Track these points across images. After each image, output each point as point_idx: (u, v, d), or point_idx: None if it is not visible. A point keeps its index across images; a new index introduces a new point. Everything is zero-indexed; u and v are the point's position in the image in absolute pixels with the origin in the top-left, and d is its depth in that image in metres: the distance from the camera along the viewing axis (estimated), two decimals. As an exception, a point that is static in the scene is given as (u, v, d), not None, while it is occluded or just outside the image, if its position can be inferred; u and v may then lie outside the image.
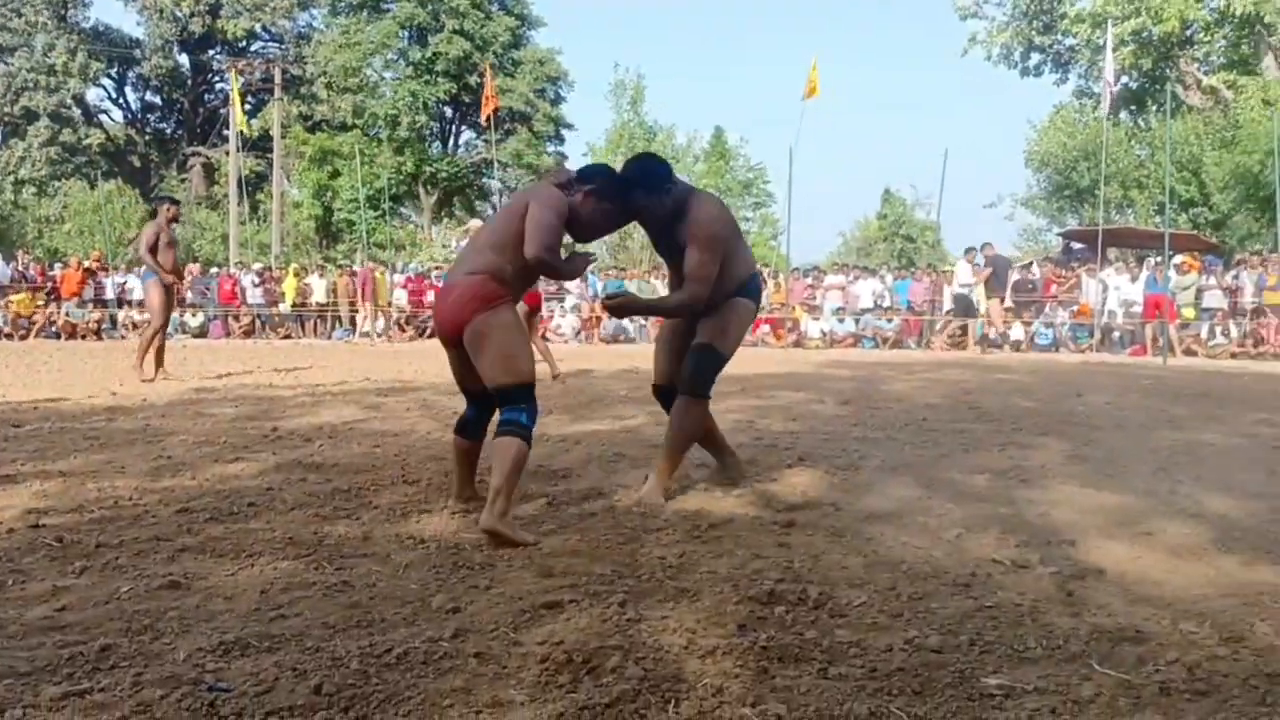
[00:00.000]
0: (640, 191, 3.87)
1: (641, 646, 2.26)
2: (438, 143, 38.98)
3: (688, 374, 4.00)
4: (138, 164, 41.72)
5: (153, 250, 9.51)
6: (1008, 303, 17.71)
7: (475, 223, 11.95)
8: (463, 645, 2.27)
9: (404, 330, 21.74)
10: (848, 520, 3.58)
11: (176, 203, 10.34)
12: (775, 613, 2.54)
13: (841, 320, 19.51)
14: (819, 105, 19.89)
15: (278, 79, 34.62)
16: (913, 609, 2.59)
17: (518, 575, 2.88)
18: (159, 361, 9.81)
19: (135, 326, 22.13)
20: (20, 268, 23.52)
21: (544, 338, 10.06)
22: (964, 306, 17.54)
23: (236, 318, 22.54)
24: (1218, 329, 16.52)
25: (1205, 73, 28.51)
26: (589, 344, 19.01)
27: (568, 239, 3.80)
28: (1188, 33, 27.53)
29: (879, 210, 39.07)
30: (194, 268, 25.08)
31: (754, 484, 4.19)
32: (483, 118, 24.72)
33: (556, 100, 37.82)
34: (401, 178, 35.22)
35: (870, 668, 2.18)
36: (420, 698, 1.97)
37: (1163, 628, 2.44)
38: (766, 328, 19.49)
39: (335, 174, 35.29)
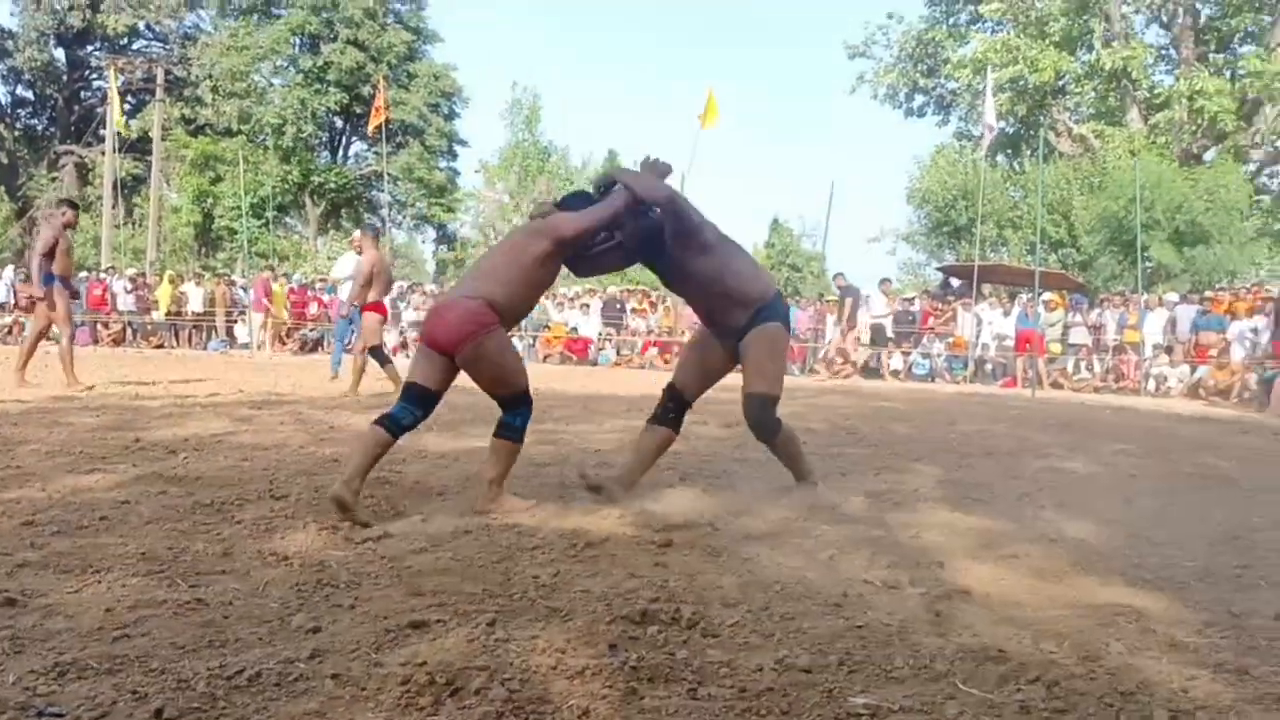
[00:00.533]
0: (625, 214, 4.11)
1: (508, 667, 2.20)
2: (326, 153, 38.15)
3: (754, 425, 4.37)
4: (5, 160, 39.66)
5: (50, 255, 9.03)
6: (860, 332, 18.44)
7: (357, 233, 11.70)
8: (320, 666, 2.17)
9: (284, 343, 21.10)
10: (725, 540, 3.57)
11: (75, 207, 9.84)
12: (648, 632, 2.50)
13: (728, 345, 19.73)
14: (712, 133, 20.15)
15: (160, 79, 33.42)
16: (784, 629, 2.59)
17: (384, 594, 2.79)
18: (22, 365, 9.29)
19: (10, 331, 20.99)
20: None
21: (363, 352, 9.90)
22: (879, 335, 17.96)
23: (106, 325, 21.56)
24: (1082, 364, 17.26)
25: (1075, 121, 29.92)
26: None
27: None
28: (1060, 83, 28.86)
29: (767, 239, 39.76)
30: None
31: (633, 504, 4.16)
32: (370, 129, 24.27)
33: (450, 116, 37.42)
34: (287, 187, 34.33)
35: (740, 688, 2.16)
36: (270, 721, 1.88)
37: (1024, 647, 2.49)
38: (655, 350, 19.58)
39: (217, 180, 34.17)
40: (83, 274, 24.33)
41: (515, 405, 3.97)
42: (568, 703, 2.01)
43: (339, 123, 37.53)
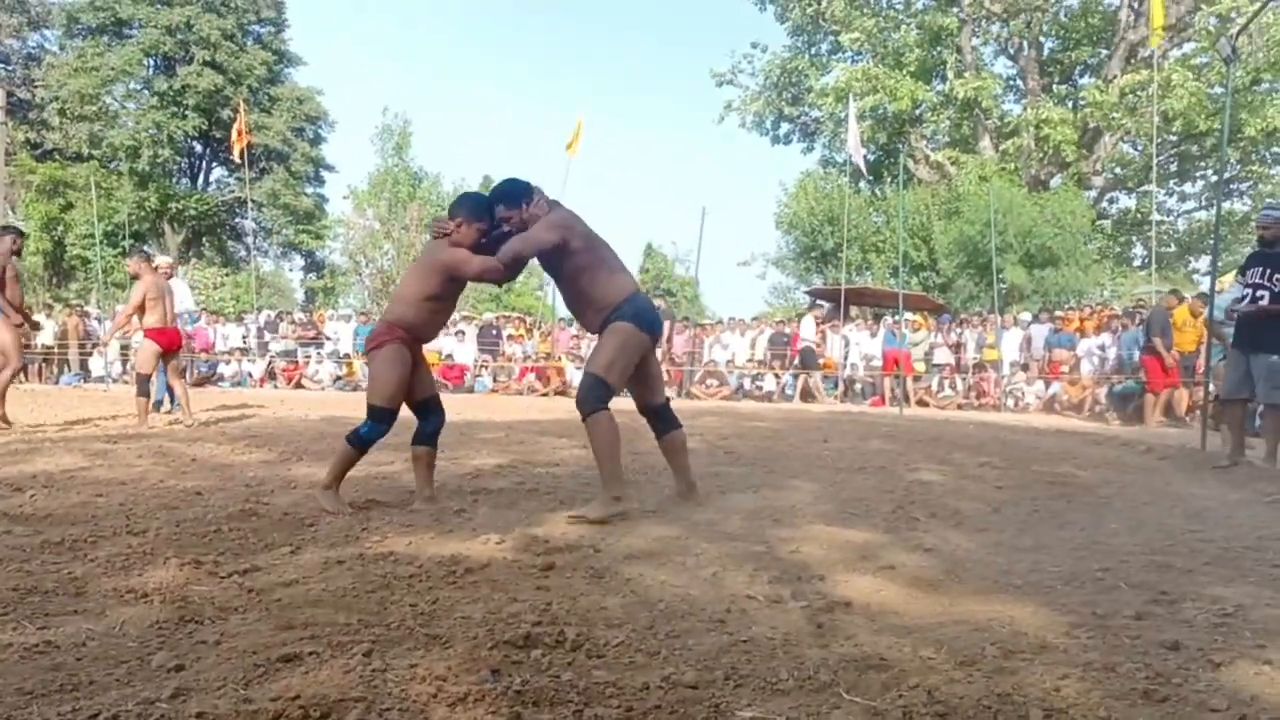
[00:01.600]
0: (501, 205, 4.57)
1: (386, 697, 2.11)
2: (186, 179, 36.81)
3: (577, 399, 4.62)
4: None
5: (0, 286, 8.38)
6: (675, 354, 19.06)
7: (163, 259, 11.33)
8: (184, 705, 2.05)
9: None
10: (607, 561, 3.54)
11: (23, 235, 9.16)
12: (531, 656, 2.45)
13: (604, 370, 19.76)
14: (586, 158, 20.27)
15: (1, 101, 31.72)
16: (670, 646, 2.57)
17: (252, 628, 2.66)
18: None
19: None
20: None
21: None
22: (808, 358, 18.15)
23: (-58, 360, 20.23)
24: (945, 382, 17.90)
25: (932, 149, 31.19)
26: (350, 391, 18.29)
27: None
28: (918, 111, 30.06)
29: (641, 264, 40.11)
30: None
31: (515, 528, 4.09)
32: (235, 154, 23.53)
33: (316, 140, 36.64)
34: (144, 214, 32.97)
35: (627, 707, 2.13)
36: (128, 766, 1.75)
37: (905, 655, 2.53)
38: (532, 376, 19.45)
39: (68, 206, 32.57)
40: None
41: (372, 417, 4.57)
42: (451, 730, 1.94)
43: (198, 147, 36.31)
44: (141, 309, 9.23)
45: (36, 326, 9.40)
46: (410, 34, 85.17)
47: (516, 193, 4.59)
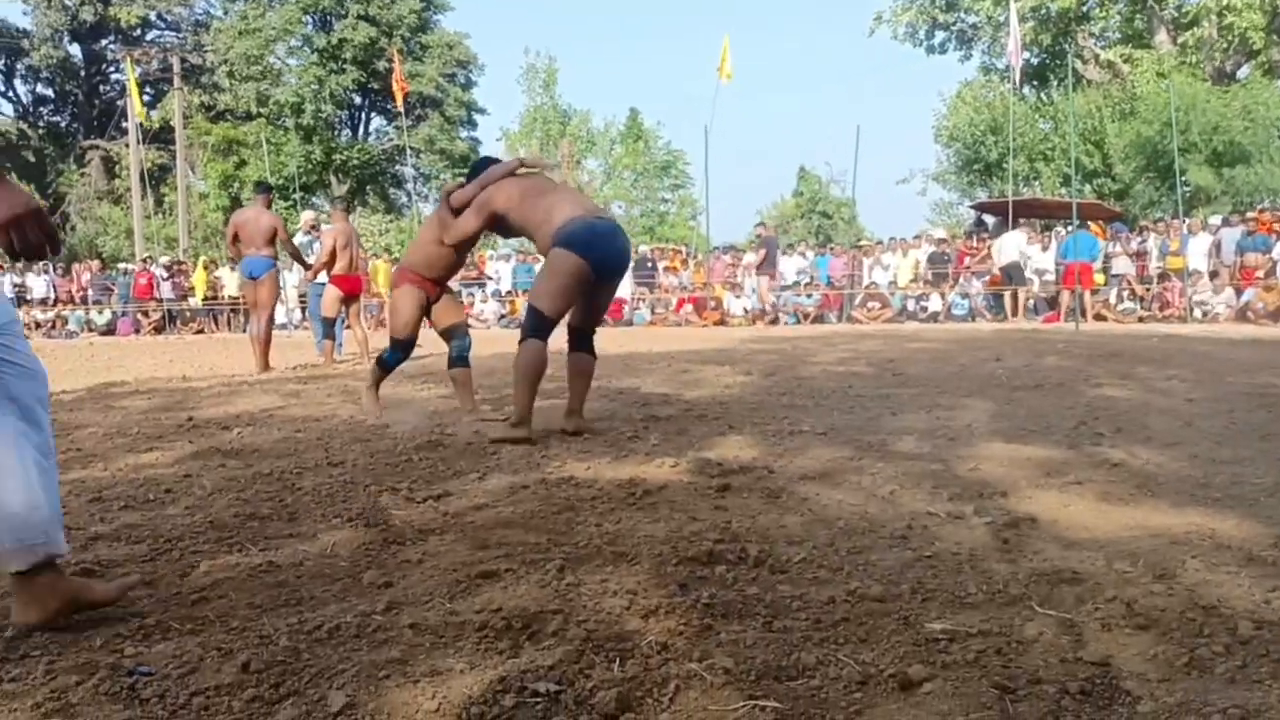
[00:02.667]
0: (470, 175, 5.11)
1: (582, 610, 2.20)
2: (347, 130, 38.20)
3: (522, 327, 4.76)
4: (32, 159, 40.09)
5: None
6: (781, 279, 19.07)
7: (308, 214, 11.89)
8: (396, 618, 2.19)
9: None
10: (782, 482, 3.56)
11: (270, 189, 9.98)
12: (716, 572, 2.50)
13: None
14: (733, 85, 19.87)
15: (176, 68, 33.55)
16: (852, 562, 2.58)
17: (450, 548, 2.81)
18: None
19: (38, 326, 21.34)
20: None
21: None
22: (1015, 274, 17.65)
23: (146, 313, 21.82)
24: (1124, 294, 17.02)
25: (1102, 47, 29.29)
26: (512, 329, 18.83)
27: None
28: (1084, 8, 28.24)
29: (795, 188, 39.41)
30: (94, 264, 24.27)
31: (687, 452, 4.16)
32: (398, 103, 24.25)
33: (467, 85, 37.35)
34: (311, 166, 34.46)
35: (814, 619, 2.16)
36: (355, 670, 1.89)
37: (1098, 568, 2.46)
38: (690, 307, 19.52)
39: (241, 164, 34.38)
40: (121, 265, 24.65)
41: (391, 346, 5.55)
42: (645, 640, 2.01)
43: (357, 99, 37.54)
44: (333, 255, 9.72)
45: (308, 269, 10.25)
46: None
47: (474, 169, 5.14)
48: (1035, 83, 30.28)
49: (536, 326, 4.62)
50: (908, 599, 2.28)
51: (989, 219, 21.78)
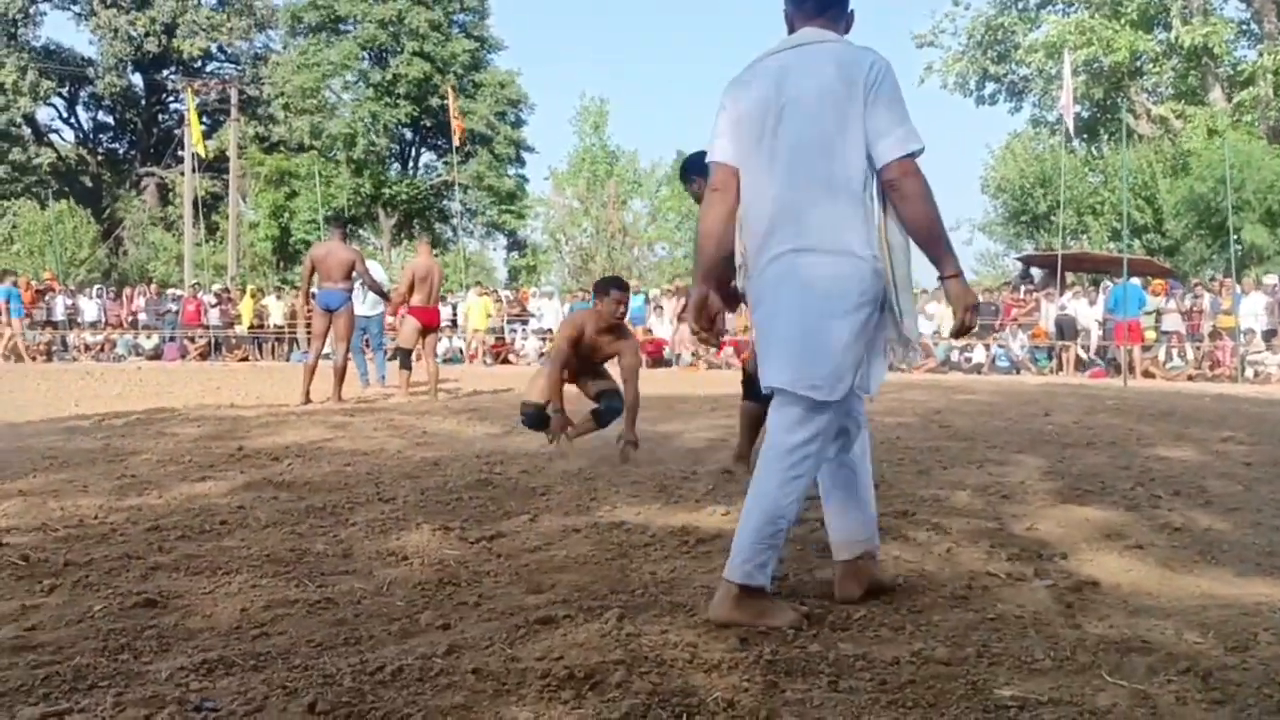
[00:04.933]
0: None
1: (644, 661, 2.19)
2: (397, 164, 38.75)
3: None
4: (89, 184, 41.03)
5: None
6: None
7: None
8: (458, 662, 2.18)
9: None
10: (836, 535, 3.52)
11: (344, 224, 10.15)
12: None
13: (804, 343, 19.58)
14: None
15: (234, 99, 34.25)
16: (914, 622, 2.54)
17: (506, 591, 2.80)
18: None
19: (87, 348, 21.72)
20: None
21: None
22: (1067, 328, 17.41)
23: (192, 339, 22.15)
24: (1174, 351, 16.77)
25: (1154, 102, 29.14)
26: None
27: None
28: (1138, 63, 28.15)
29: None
30: (151, 288, 24.72)
31: (737, 501, 4.12)
32: (456, 140, 24.62)
33: (517, 123, 37.75)
34: (360, 199, 34.94)
35: (880, 680, 2.12)
36: (421, 715, 1.89)
37: (1167, 638, 2.41)
38: (730, 350, 19.48)
39: (293, 195, 34.91)
40: (171, 291, 25.08)
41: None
42: (712, 695, 1.99)
43: (408, 134, 38.09)
44: (411, 288, 9.86)
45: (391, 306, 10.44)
46: (604, 8, 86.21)
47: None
48: (1086, 136, 30.16)
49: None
50: (974, 662, 2.24)
51: (1036, 271, 21.61)
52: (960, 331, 2.65)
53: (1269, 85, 25.40)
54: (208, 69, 40.33)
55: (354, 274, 9.35)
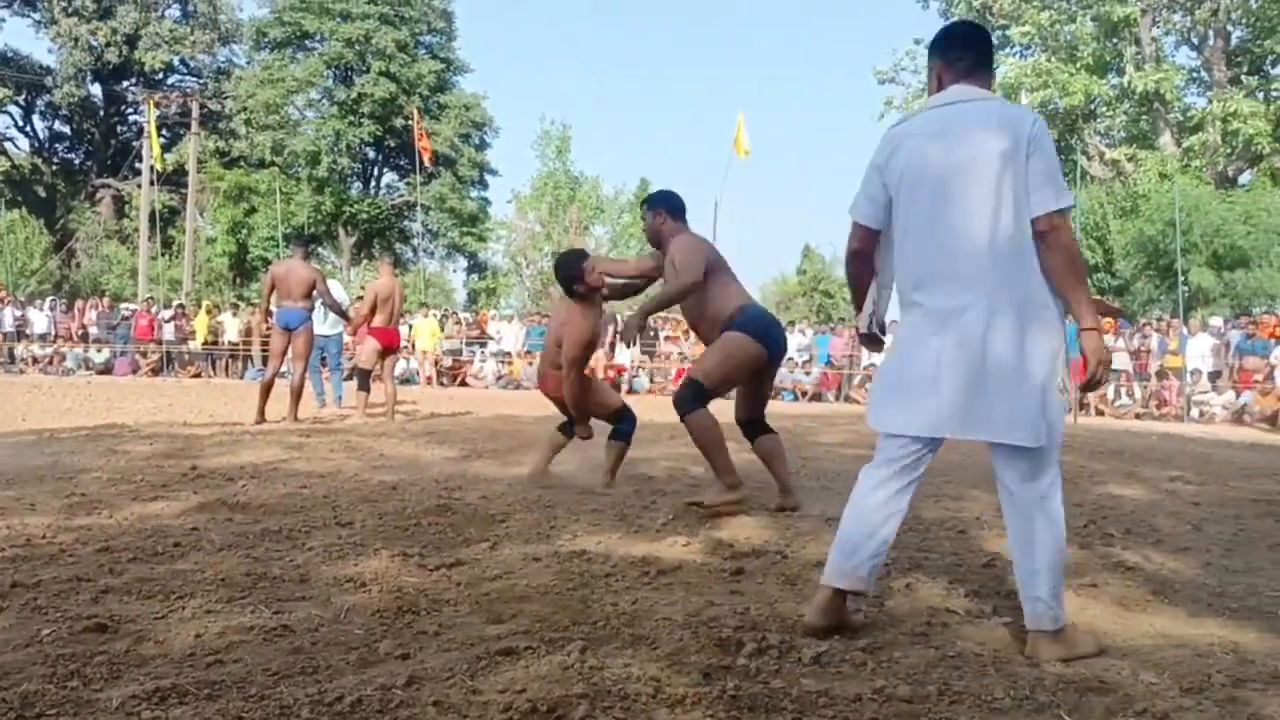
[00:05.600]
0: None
1: (607, 695, 2.17)
2: (359, 183, 38.55)
3: (675, 399, 4.87)
4: (43, 194, 40.37)
5: None
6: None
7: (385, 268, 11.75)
8: (418, 693, 2.16)
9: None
10: (797, 568, 3.54)
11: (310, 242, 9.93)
12: (737, 661, 2.47)
13: (762, 372, 19.68)
14: (743, 159, 20.10)
15: (195, 113, 33.93)
16: (875, 658, 2.55)
17: (466, 621, 2.78)
18: None
19: (35, 361, 21.29)
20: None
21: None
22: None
23: (145, 354, 21.79)
24: (1122, 390, 17.07)
25: (1108, 145, 29.78)
26: (512, 390, 18.80)
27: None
28: (1091, 106, 28.77)
29: (799, 265, 39.73)
30: (103, 301, 24.32)
31: (699, 531, 4.14)
32: (425, 160, 24.60)
33: (481, 145, 37.77)
34: (321, 217, 34.70)
35: (842, 718, 2.13)
36: (381, 748, 1.86)
37: (1124, 678, 2.44)
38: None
39: (251, 211, 34.60)
40: (123, 305, 24.69)
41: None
42: (675, 732, 1.98)
43: (371, 154, 37.95)
44: (374, 309, 9.76)
45: (350, 325, 10.30)
46: (571, 36, 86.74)
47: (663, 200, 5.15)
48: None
49: (697, 395, 4.73)
50: (935, 701, 2.25)
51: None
52: (1091, 385, 2.84)
53: (1217, 132, 26.07)
54: (169, 81, 39.93)
55: (314, 293, 9.25)
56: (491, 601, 2.97)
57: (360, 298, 14.98)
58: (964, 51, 2.82)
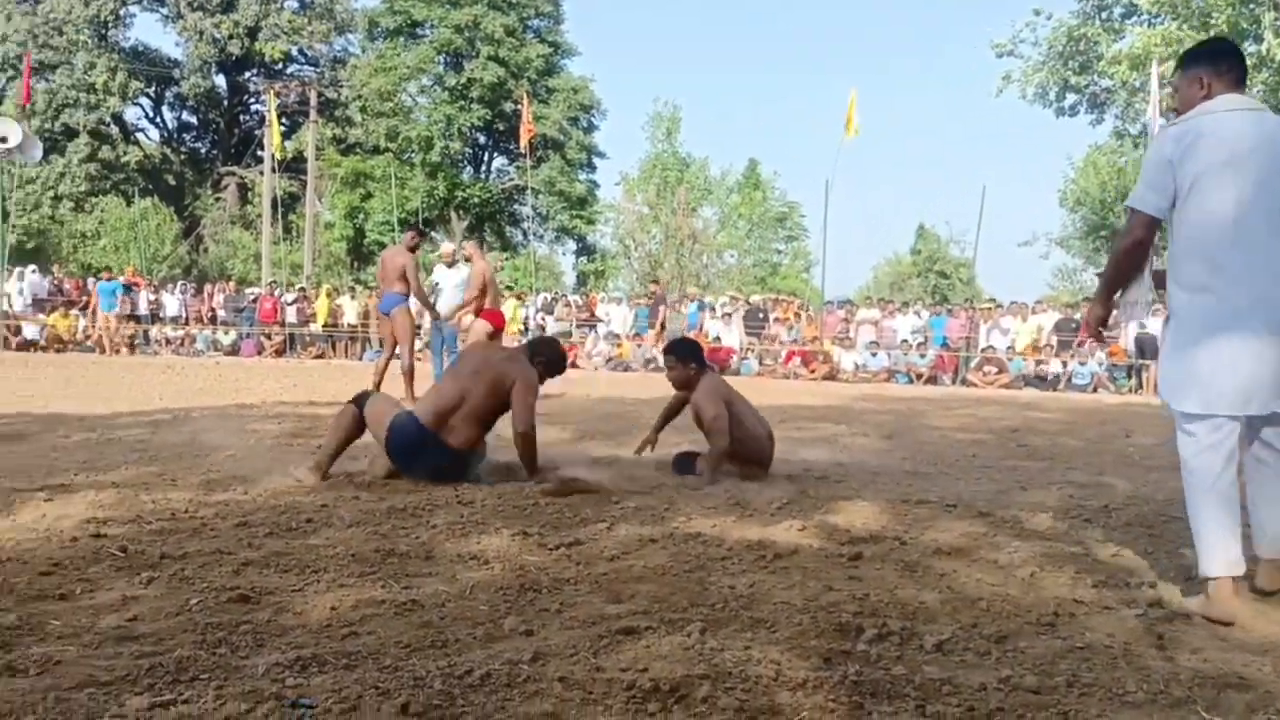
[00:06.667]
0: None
1: (728, 676, 2.19)
2: (470, 168, 39.25)
3: None
4: (173, 182, 42.20)
5: None
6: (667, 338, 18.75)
7: (448, 246, 11.89)
8: (544, 669, 2.21)
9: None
10: (915, 555, 3.49)
11: (422, 233, 10.25)
12: (858, 647, 2.46)
13: (875, 354, 19.40)
14: (854, 141, 19.70)
15: (313, 101, 34.96)
16: (1000, 647, 2.51)
17: (586, 600, 2.82)
18: None
19: (168, 342, 22.31)
20: (56, 281, 23.82)
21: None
22: (1149, 347, 16.87)
23: (269, 336, 22.64)
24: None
25: (1242, 115, 28.31)
26: (621, 371, 18.95)
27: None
28: (1227, 75, 27.38)
29: (913, 246, 38.94)
30: (229, 285, 25.34)
31: (813, 515, 4.11)
32: (522, 144, 24.89)
33: (589, 128, 38.04)
34: (434, 201, 35.45)
35: (967, 706, 2.10)
36: (511, 722, 1.91)
37: (1265, 675, 2.35)
38: (798, 360, 19.38)
39: (367, 196, 35.56)
40: (250, 289, 25.69)
41: None
42: (798, 715, 1.99)
43: (482, 138, 38.57)
44: (483, 291, 9.99)
45: (436, 316, 10.57)
46: (679, 14, 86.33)
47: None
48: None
49: None
50: (1064, 692, 2.20)
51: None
52: None
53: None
54: (288, 71, 41.21)
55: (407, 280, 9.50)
56: (610, 581, 3.01)
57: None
58: (1234, 64, 3.11)
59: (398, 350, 9.66)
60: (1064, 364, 17.44)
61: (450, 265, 11.54)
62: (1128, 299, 3.26)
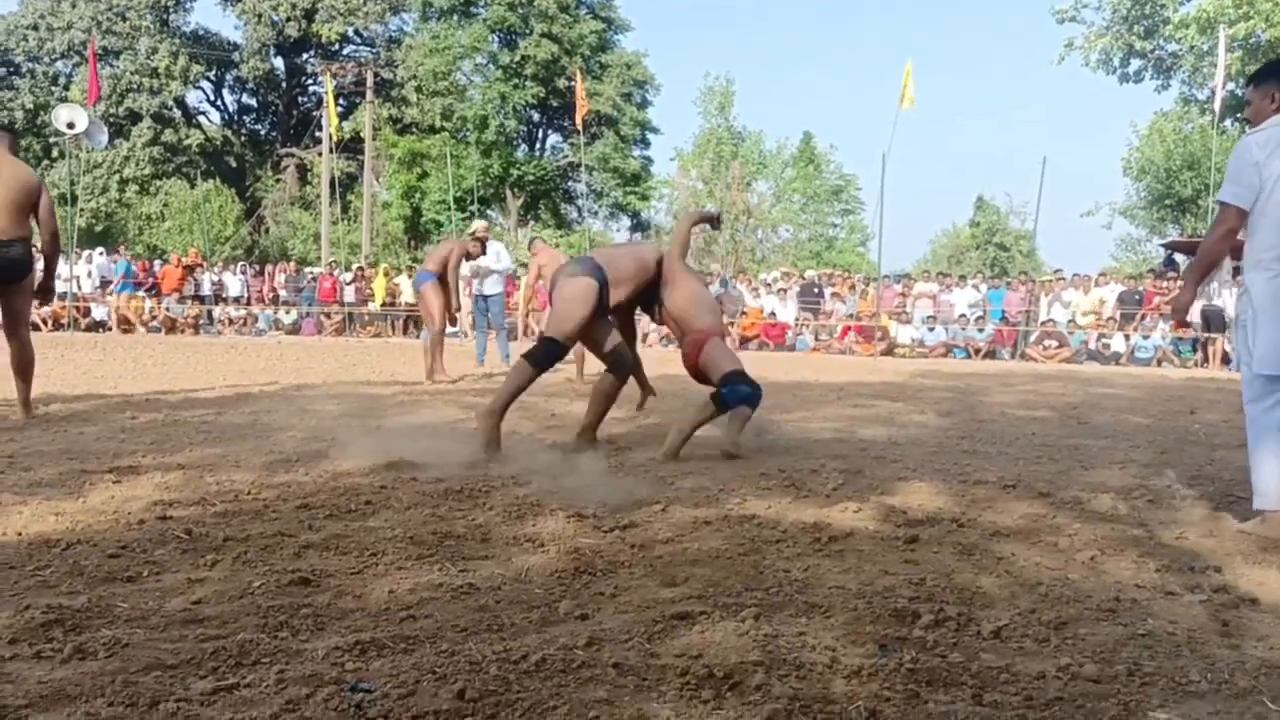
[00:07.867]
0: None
1: (783, 663, 2.19)
2: (524, 146, 39.36)
3: None
4: (234, 164, 42.91)
5: None
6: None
7: (480, 223, 11.93)
8: (599, 654, 2.22)
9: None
10: (974, 537, 3.45)
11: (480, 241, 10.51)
12: (914, 633, 2.44)
13: (932, 329, 19.16)
14: (910, 113, 19.43)
15: (369, 82, 35.26)
16: (1059, 635, 2.47)
17: (640, 583, 2.83)
18: None
19: (231, 322, 22.75)
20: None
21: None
22: (1215, 321, 16.52)
23: (329, 315, 22.98)
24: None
25: (1318, 79, 27.36)
26: (673, 348, 18.93)
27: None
28: (1299, 37, 26.48)
29: (971, 218, 38.32)
30: (290, 266, 25.74)
31: (870, 497, 4.09)
32: (577, 121, 24.90)
33: (643, 104, 37.92)
34: (489, 180, 35.64)
35: (1025, 695, 2.07)
36: (566, 708, 1.93)
37: (1336, 665, 2.29)
38: (854, 335, 19.22)
39: (424, 175, 35.86)
40: (310, 269, 26.08)
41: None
42: (854, 704, 1.98)
43: (536, 116, 38.64)
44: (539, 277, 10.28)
45: (458, 306, 10.86)
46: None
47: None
48: (1238, 116, 28.56)
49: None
50: (1125, 681, 2.17)
51: (1180, 258, 20.63)
52: None
53: None
54: (344, 52, 41.59)
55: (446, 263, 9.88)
56: (665, 564, 3.02)
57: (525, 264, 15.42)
58: None
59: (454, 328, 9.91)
60: (1127, 337, 17.08)
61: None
62: (1207, 282, 3.55)
